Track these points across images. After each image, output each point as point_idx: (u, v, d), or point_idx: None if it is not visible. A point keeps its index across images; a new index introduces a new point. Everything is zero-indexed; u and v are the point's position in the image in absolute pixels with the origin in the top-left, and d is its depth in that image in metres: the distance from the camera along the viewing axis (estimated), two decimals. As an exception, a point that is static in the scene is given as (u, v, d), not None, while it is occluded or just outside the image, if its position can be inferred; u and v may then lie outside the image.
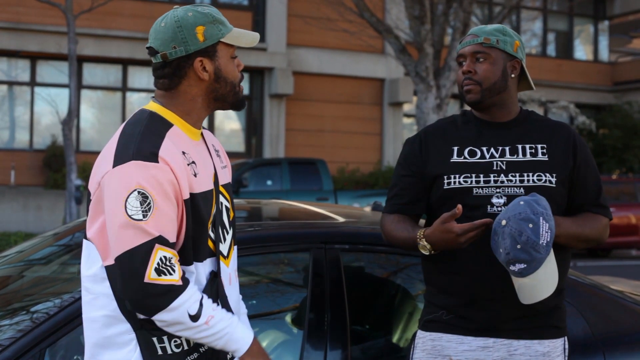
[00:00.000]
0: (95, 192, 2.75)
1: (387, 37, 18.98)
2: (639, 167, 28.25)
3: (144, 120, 2.78)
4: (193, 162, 2.76)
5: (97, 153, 23.11)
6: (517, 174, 3.34)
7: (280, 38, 24.69)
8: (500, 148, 3.39)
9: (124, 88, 23.90)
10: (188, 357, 2.76)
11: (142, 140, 2.69)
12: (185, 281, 2.65)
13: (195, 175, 2.75)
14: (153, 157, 2.64)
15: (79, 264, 4.07)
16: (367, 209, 5.03)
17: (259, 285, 3.94)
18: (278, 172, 18.01)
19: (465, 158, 3.39)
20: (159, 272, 2.60)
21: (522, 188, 3.31)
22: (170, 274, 2.61)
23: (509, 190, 3.31)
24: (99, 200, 2.72)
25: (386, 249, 3.96)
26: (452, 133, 3.48)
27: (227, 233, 2.93)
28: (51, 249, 4.46)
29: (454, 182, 3.34)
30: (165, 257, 2.61)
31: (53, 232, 4.76)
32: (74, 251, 4.36)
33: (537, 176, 3.33)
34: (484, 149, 3.40)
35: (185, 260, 2.74)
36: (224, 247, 2.90)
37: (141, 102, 24.32)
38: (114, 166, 2.67)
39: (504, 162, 3.35)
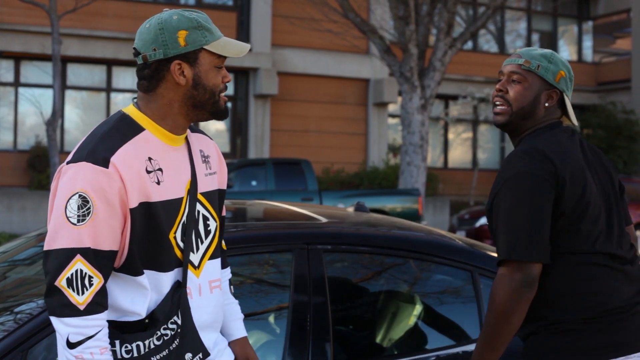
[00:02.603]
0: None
1: (372, 37, 19.01)
2: (623, 167, 28.34)
3: (113, 122, 2.79)
4: (159, 169, 2.74)
5: (81, 154, 23.18)
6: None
7: (264, 38, 24.68)
8: None
9: (108, 88, 23.85)
10: None
11: (100, 142, 2.68)
12: (89, 309, 2.61)
13: (158, 182, 2.72)
14: (104, 162, 2.63)
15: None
16: (350, 209, 5.04)
17: (242, 286, 3.94)
18: (263, 172, 17.99)
19: None
20: (69, 283, 2.59)
21: None
22: (77, 293, 2.60)
23: None
24: (53, 193, 2.73)
25: (369, 249, 3.98)
26: None
27: (202, 243, 2.89)
28: (35, 249, 4.45)
29: None
30: (82, 271, 2.59)
31: (37, 232, 4.75)
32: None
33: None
34: None
35: (132, 270, 2.72)
36: (195, 257, 2.85)
37: (126, 102, 24.28)
38: (68, 162, 2.68)
39: None
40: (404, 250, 4.01)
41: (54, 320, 2.62)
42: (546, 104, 3.30)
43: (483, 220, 19.58)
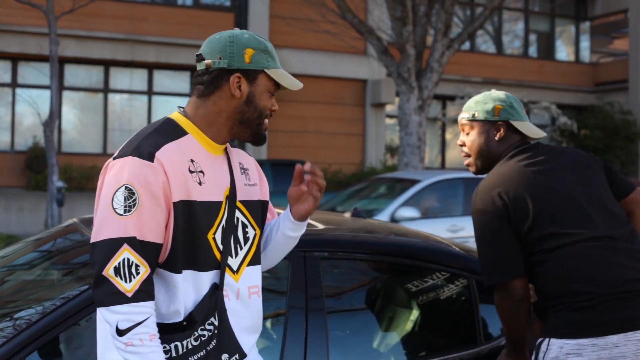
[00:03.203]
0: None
1: (369, 38, 19.00)
2: (620, 167, 28.36)
3: (158, 124, 2.92)
4: (201, 172, 2.85)
5: (78, 154, 23.12)
6: None
7: (262, 39, 24.64)
8: None
9: (105, 89, 23.84)
10: None
11: (145, 139, 2.80)
12: (137, 296, 2.69)
13: (200, 183, 2.84)
14: (149, 156, 2.74)
15: (61, 269, 4.10)
16: (347, 215, 5.05)
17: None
18: (260, 173, 17.98)
19: None
20: (116, 271, 2.68)
21: None
22: (125, 281, 2.68)
23: None
24: (100, 188, 2.83)
25: (366, 256, 3.99)
26: None
27: (241, 249, 2.98)
28: (34, 254, 4.47)
29: None
30: (129, 260, 2.68)
31: (35, 237, 4.76)
32: (55, 257, 4.37)
33: None
34: None
35: (172, 267, 2.79)
36: (233, 262, 2.95)
37: (123, 103, 24.28)
38: (114, 158, 2.80)
39: None
40: (401, 256, 4.02)
41: (102, 310, 2.69)
42: (496, 138, 3.81)
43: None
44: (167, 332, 2.79)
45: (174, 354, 2.79)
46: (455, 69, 27.47)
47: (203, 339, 2.82)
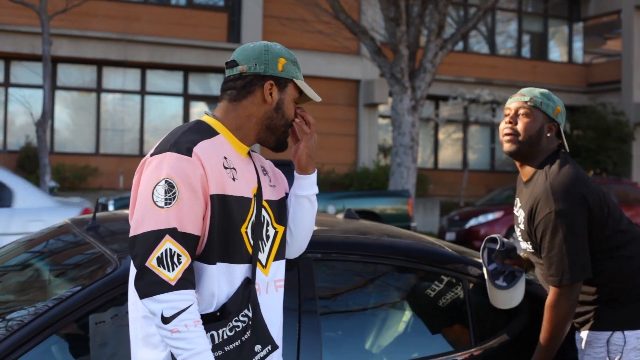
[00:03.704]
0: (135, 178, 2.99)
1: (363, 38, 19.02)
2: (612, 168, 28.40)
3: (191, 124, 3.04)
4: (233, 168, 2.98)
5: (71, 154, 23.11)
6: (521, 235, 3.99)
7: (255, 39, 24.65)
8: (519, 206, 4.01)
9: (98, 89, 23.83)
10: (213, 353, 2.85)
11: (182, 136, 2.93)
12: (180, 284, 2.78)
13: (233, 179, 2.95)
14: (188, 151, 2.85)
15: (53, 270, 4.09)
16: (340, 216, 5.05)
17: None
18: (253, 173, 17.97)
19: (515, 209, 4.08)
20: (159, 261, 2.77)
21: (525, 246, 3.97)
22: (168, 270, 2.77)
23: (523, 245, 4.01)
24: (136, 185, 2.95)
25: (359, 257, 3.98)
26: (519, 184, 4.14)
27: (265, 245, 3.08)
28: (26, 255, 4.45)
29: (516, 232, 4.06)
30: (171, 250, 2.78)
31: (27, 238, 4.75)
32: (47, 258, 4.35)
33: (526, 241, 3.96)
34: (517, 200, 4.06)
35: (207, 258, 2.90)
36: (262, 256, 3.05)
37: (116, 102, 24.27)
38: (152, 155, 2.92)
39: (521, 223, 3.97)
40: (394, 258, 4.02)
41: (146, 301, 2.78)
42: (548, 134, 3.94)
43: (473, 222, 19.61)
44: (203, 322, 2.85)
45: (210, 343, 2.84)
46: (449, 70, 27.50)
47: (237, 329, 2.89)
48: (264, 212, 3.08)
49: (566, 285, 3.69)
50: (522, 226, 3.91)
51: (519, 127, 3.92)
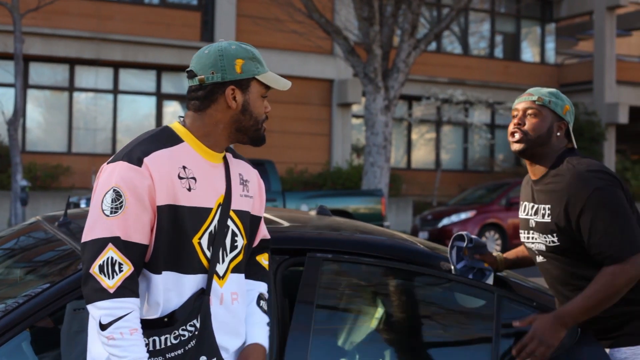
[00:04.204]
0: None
1: (336, 38, 19.04)
2: (584, 168, 28.52)
3: (155, 132, 3.04)
4: (192, 178, 2.95)
5: (43, 153, 22.98)
6: (538, 234, 3.86)
7: (229, 38, 24.49)
8: (533, 206, 3.93)
9: (71, 88, 23.72)
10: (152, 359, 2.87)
11: (137, 146, 2.93)
12: (119, 292, 2.80)
13: (189, 189, 2.93)
14: (138, 161, 2.86)
15: (24, 267, 4.06)
16: (312, 213, 5.04)
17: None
18: (226, 173, 17.93)
19: (521, 214, 4.03)
20: (100, 269, 2.80)
21: (544, 245, 3.85)
22: (108, 278, 2.79)
23: (538, 245, 3.89)
24: (94, 189, 2.96)
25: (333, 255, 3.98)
26: (525, 188, 4.09)
27: (227, 255, 3.06)
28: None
29: (521, 237, 4.04)
30: (112, 258, 2.80)
31: (-2, 235, 4.72)
32: (18, 255, 4.33)
33: (546, 237, 3.80)
34: (526, 204, 3.99)
35: (152, 267, 2.90)
36: (220, 268, 3.03)
37: (88, 101, 24.18)
38: (108, 163, 2.94)
39: (534, 222, 3.89)
40: (366, 254, 4.01)
41: (89, 307, 2.82)
42: (557, 134, 3.88)
43: (446, 221, 19.68)
44: (146, 327, 2.87)
45: (151, 348, 2.87)
46: (422, 70, 27.57)
47: (183, 338, 2.90)
48: (229, 222, 3.06)
49: (629, 256, 3.55)
50: (544, 219, 3.80)
51: (528, 126, 3.86)
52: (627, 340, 3.75)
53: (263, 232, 3.33)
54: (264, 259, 3.33)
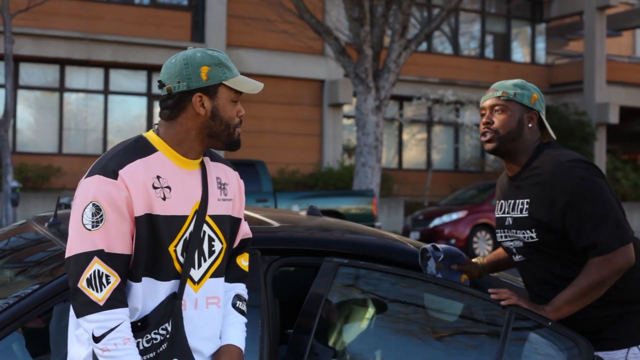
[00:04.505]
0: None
1: (327, 38, 19.05)
2: (575, 168, 28.58)
3: (129, 142, 3.08)
4: (167, 187, 3.00)
5: (34, 154, 22.93)
6: (515, 230, 3.77)
7: (219, 39, 24.63)
8: (510, 202, 3.84)
9: (61, 88, 23.67)
10: None
11: (111, 159, 2.97)
12: (109, 304, 2.85)
13: (163, 198, 2.97)
14: (113, 174, 2.90)
15: (14, 268, 4.06)
16: (303, 213, 5.04)
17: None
18: (217, 173, 17.88)
19: (497, 213, 3.96)
20: (88, 283, 2.85)
21: (521, 242, 3.76)
22: (96, 290, 2.85)
23: (516, 243, 3.80)
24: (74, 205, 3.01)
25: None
26: (501, 186, 4.01)
27: (204, 261, 3.10)
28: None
29: (498, 237, 3.95)
30: (99, 271, 2.85)
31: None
32: (8, 256, 4.32)
33: (524, 233, 3.71)
34: (503, 202, 3.91)
35: (133, 275, 2.95)
36: (195, 273, 3.07)
37: (79, 102, 24.13)
38: (85, 177, 2.98)
39: (512, 219, 3.80)
40: (357, 254, 4.00)
41: (80, 321, 2.87)
42: (529, 125, 3.80)
43: (437, 221, 19.69)
44: None
45: None
46: (412, 70, 27.59)
47: (155, 342, 2.95)
48: (206, 228, 3.09)
49: (619, 247, 3.49)
50: (522, 214, 3.71)
51: (497, 124, 3.77)
52: (605, 344, 3.66)
53: (244, 231, 3.35)
54: (243, 260, 3.35)
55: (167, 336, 2.96)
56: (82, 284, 2.84)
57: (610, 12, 32.51)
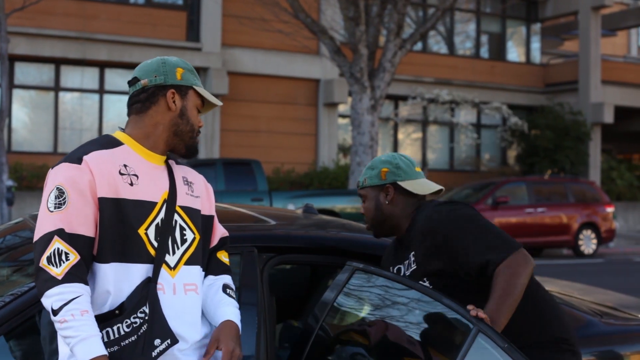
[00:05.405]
0: None
1: (322, 38, 19.05)
2: (570, 167, 28.65)
3: (96, 138, 3.25)
4: (134, 175, 3.12)
5: (29, 153, 22.91)
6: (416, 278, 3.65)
7: (215, 38, 24.62)
8: (404, 263, 3.73)
9: (56, 87, 23.65)
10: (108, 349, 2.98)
11: (78, 149, 3.14)
12: (67, 278, 2.93)
13: (131, 184, 3.09)
14: (78, 160, 3.06)
15: (10, 266, 4.06)
16: (299, 211, 5.04)
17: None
18: (212, 172, 17.92)
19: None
20: (49, 260, 2.94)
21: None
22: (55, 266, 2.93)
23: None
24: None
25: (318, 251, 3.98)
26: (388, 254, 3.92)
27: (178, 248, 3.19)
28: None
29: None
30: (59, 249, 2.95)
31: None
32: (4, 254, 4.33)
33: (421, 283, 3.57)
34: (399, 266, 3.77)
35: (101, 258, 3.04)
36: (171, 259, 3.16)
37: (74, 101, 24.10)
38: (52, 167, 3.12)
39: (409, 274, 3.67)
40: (353, 252, 4.01)
41: (42, 299, 2.95)
42: (386, 202, 3.78)
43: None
44: (99, 320, 2.99)
45: (105, 339, 2.97)
46: (408, 69, 27.61)
47: (135, 325, 3.01)
48: (177, 217, 3.21)
49: (511, 253, 3.45)
50: (412, 267, 3.66)
51: (364, 214, 3.84)
52: None
53: (221, 231, 3.47)
54: (223, 256, 3.45)
55: (146, 318, 3.02)
56: (44, 262, 2.93)
57: (605, 12, 32.56)
